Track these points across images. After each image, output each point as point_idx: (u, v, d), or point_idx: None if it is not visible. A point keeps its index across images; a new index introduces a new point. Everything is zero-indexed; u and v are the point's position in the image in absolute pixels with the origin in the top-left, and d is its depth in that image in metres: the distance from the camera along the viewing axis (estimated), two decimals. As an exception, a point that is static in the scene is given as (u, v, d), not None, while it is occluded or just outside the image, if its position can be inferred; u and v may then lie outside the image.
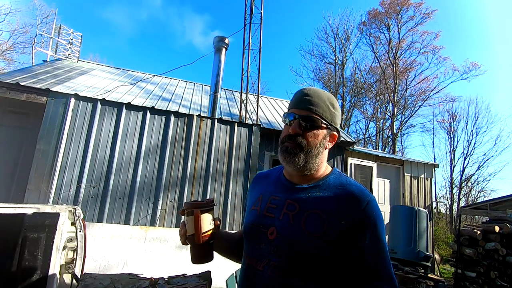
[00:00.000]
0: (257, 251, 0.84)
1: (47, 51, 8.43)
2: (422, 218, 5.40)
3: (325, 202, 0.80)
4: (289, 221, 0.81)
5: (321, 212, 0.79)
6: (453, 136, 19.73)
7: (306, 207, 0.81)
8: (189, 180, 4.68)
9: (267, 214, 0.86)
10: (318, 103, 0.84)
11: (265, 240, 0.83)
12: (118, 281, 1.85)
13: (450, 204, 18.50)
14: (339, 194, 0.81)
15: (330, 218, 0.77)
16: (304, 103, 0.85)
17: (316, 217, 0.78)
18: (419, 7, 19.98)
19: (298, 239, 0.77)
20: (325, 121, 0.84)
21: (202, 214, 0.86)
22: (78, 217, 2.61)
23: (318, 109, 0.84)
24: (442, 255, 9.97)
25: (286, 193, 0.87)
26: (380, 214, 0.81)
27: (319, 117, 0.84)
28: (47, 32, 9.09)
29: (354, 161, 7.32)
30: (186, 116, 4.90)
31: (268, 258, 0.80)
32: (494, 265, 5.14)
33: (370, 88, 21.68)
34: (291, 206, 0.83)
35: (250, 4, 7.40)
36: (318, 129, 0.84)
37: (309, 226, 0.77)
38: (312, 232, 0.77)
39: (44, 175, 4.02)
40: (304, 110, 0.84)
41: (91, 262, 3.56)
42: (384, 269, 0.76)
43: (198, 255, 0.87)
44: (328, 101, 0.86)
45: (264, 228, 0.84)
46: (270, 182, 0.96)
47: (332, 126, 0.86)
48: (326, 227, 0.76)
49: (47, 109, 4.22)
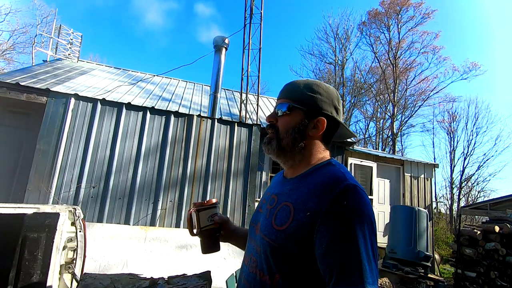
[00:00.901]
0: (248, 247, 0.86)
1: (47, 51, 8.43)
2: (422, 218, 5.40)
3: (299, 193, 0.74)
4: (266, 216, 0.79)
5: (291, 203, 0.73)
6: (453, 136, 19.75)
7: (281, 199, 0.77)
8: (189, 180, 4.68)
9: (259, 210, 0.88)
10: (291, 89, 0.83)
11: (253, 236, 0.84)
12: (118, 281, 1.85)
13: (450, 204, 18.51)
14: (313, 183, 0.73)
15: (296, 209, 0.70)
16: (281, 92, 0.85)
17: (285, 209, 0.73)
18: (419, 7, 19.99)
19: (267, 233, 0.74)
20: (297, 105, 0.80)
21: (200, 212, 0.99)
22: (78, 217, 2.61)
23: (290, 94, 0.82)
24: (442, 255, 9.97)
25: (276, 188, 0.86)
26: (360, 206, 0.65)
27: (290, 101, 0.81)
28: (47, 32, 9.10)
29: (354, 161, 7.32)
30: (186, 116, 4.90)
31: (252, 253, 0.81)
32: (494, 265, 5.14)
33: (370, 88, 21.68)
34: (272, 200, 0.81)
35: (250, 4, 7.40)
36: (289, 113, 0.80)
37: (278, 219, 0.73)
38: (278, 225, 0.72)
39: (44, 175, 4.02)
40: (279, 100, 0.85)
41: (91, 262, 3.56)
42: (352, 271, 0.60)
43: (203, 245, 1.02)
44: (302, 85, 0.82)
45: (254, 224, 0.86)
46: (274, 181, 0.97)
47: (311, 109, 0.80)
48: (291, 219, 0.70)
49: (47, 109, 4.23)
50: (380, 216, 7.41)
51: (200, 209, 1.00)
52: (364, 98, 22.41)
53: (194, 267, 3.89)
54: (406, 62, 20.89)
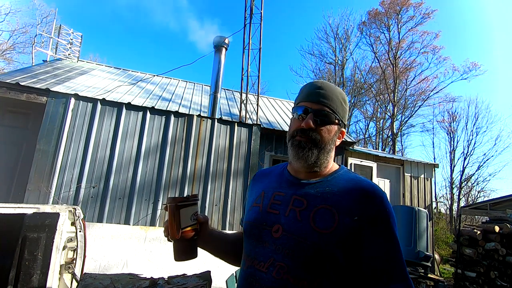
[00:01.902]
0: (260, 250, 0.78)
1: (47, 51, 8.43)
2: (422, 218, 5.40)
3: (336, 197, 0.75)
4: (296, 217, 0.75)
5: (331, 207, 0.74)
6: (453, 136, 19.77)
7: (315, 202, 0.76)
8: (189, 180, 4.68)
9: (271, 211, 0.81)
10: (332, 97, 0.81)
11: (269, 239, 0.77)
12: (118, 281, 1.84)
13: (450, 204, 18.52)
14: (350, 189, 0.76)
15: (341, 214, 0.72)
16: (318, 96, 0.81)
17: (326, 213, 0.73)
18: (419, 7, 20.00)
19: (306, 236, 0.71)
20: (337, 117, 0.81)
21: (181, 209, 0.81)
22: (78, 217, 2.61)
23: (332, 104, 0.81)
24: (442, 255, 9.97)
25: (291, 189, 0.82)
26: (393, 212, 0.76)
27: (332, 112, 0.80)
28: (47, 32, 9.10)
29: (354, 161, 7.32)
30: (186, 116, 4.90)
31: (273, 258, 0.74)
32: (494, 265, 5.14)
33: (370, 88, 21.68)
34: (298, 202, 0.78)
35: (250, 4, 7.40)
36: (332, 124, 0.81)
37: (319, 222, 0.72)
38: (322, 228, 0.71)
39: (44, 175, 4.02)
40: (317, 104, 0.80)
41: (91, 262, 3.56)
42: (399, 270, 0.70)
43: (179, 251, 0.83)
44: (340, 96, 0.83)
45: (268, 225, 0.79)
46: (272, 178, 0.91)
47: (342, 122, 0.84)
48: (337, 223, 0.71)
49: (47, 109, 4.22)
50: (380, 216, 7.41)
51: (181, 205, 0.82)
52: (364, 98, 22.43)
53: (194, 267, 3.89)
54: (406, 62, 20.92)
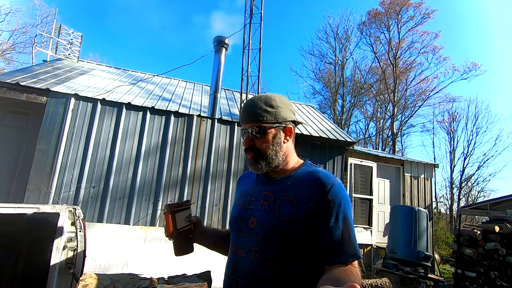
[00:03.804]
0: (240, 240, 0.93)
1: (47, 51, 8.42)
2: (422, 218, 5.39)
3: (296, 189, 0.89)
4: (265, 210, 0.89)
5: (292, 198, 0.87)
6: (453, 136, 19.74)
7: (279, 195, 0.90)
8: (189, 180, 4.68)
9: (248, 207, 0.96)
10: (255, 112, 0.92)
11: (247, 230, 0.91)
12: (118, 281, 1.85)
13: (450, 204, 18.50)
14: (307, 180, 0.90)
15: (300, 203, 0.85)
16: (246, 117, 0.94)
17: (288, 203, 0.87)
18: (419, 7, 19.98)
19: (274, 224, 0.85)
20: (267, 123, 0.92)
21: (177, 214, 0.99)
22: (78, 217, 2.61)
23: (256, 117, 0.92)
24: (442, 255, 9.97)
25: (263, 186, 0.97)
26: (346, 196, 0.87)
27: (259, 122, 0.91)
28: (47, 32, 9.10)
29: (354, 161, 7.32)
30: (186, 116, 4.90)
31: (250, 245, 0.88)
32: (494, 265, 5.13)
33: (370, 88, 21.68)
34: (267, 196, 0.92)
35: (250, 4, 7.40)
36: (265, 134, 0.92)
37: (282, 211, 0.86)
38: (285, 216, 0.85)
39: (44, 175, 4.01)
40: (247, 124, 0.94)
41: (91, 262, 3.56)
42: (349, 246, 0.82)
43: (178, 248, 1.00)
44: (263, 105, 0.93)
45: (245, 219, 0.93)
46: (252, 179, 1.06)
47: (279, 122, 0.93)
48: (296, 210, 0.84)
49: (47, 109, 4.22)
50: (380, 216, 7.41)
51: (176, 210, 1.00)
52: (364, 98, 22.42)
53: (194, 267, 3.89)
54: (406, 62, 20.90)
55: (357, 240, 0.85)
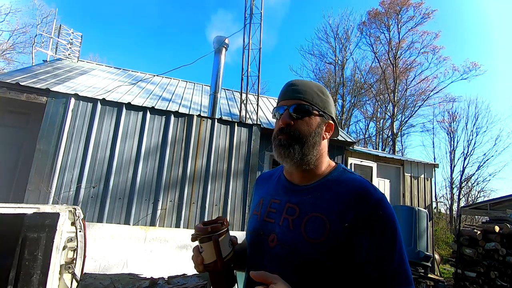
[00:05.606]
0: (258, 260, 0.78)
1: (47, 51, 8.43)
2: (422, 218, 5.40)
3: (327, 203, 0.72)
4: (289, 227, 0.74)
5: (322, 214, 0.71)
6: (453, 136, 19.76)
7: (306, 210, 0.74)
8: (189, 180, 4.68)
9: (267, 220, 0.80)
10: (306, 90, 0.79)
11: (266, 248, 0.77)
12: (118, 281, 1.85)
13: (450, 204, 18.51)
14: (342, 193, 0.73)
15: (331, 221, 0.70)
16: (291, 92, 0.80)
17: (316, 221, 0.71)
18: (419, 7, 20.00)
19: (298, 247, 0.70)
20: (316, 107, 0.79)
21: (220, 239, 0.76)
22: (78, 217, 2.61)
23: (307, 96, 0.78)
24: (442, 255, 9.97)
25: (286, 196, 0.81)
26: (392, 213, 0.70)
27: (308, 103, 0.78)
28: (47, 32, 9.10)
29: (354, 161, 7.32)
30: (186, 116, 4.90)
31: (269, 268, 0.73)
32: (494, 265, 5.14)
33: (370, 88, 21.68)
34: (291, 210, 0.76)
35: (250, 4, 7.41)
36: (311, 115, 0.78)
37: (310, 231, 0.70)
38: (313, 238, 0.69)
39: (44, 175, 4.01)
40: (292, 100, 0.78)
41: (91, 262, 3.56)
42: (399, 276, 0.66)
43: (223, 282, 0.78)
44: (316, 88, 0.81)
45: (265, 235, 0.78)
46: (271, 183, 0.90)
47: (325, 113, 0.81)
48: (327, 231, 0.69)
49: (47, 109, 4.22)
50: (380, 216, 7.41)
51: (221, 233, 0.76)
52: (364, 98, 22.44)
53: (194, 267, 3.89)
54: (406, 62, 20.92)
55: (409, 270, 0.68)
